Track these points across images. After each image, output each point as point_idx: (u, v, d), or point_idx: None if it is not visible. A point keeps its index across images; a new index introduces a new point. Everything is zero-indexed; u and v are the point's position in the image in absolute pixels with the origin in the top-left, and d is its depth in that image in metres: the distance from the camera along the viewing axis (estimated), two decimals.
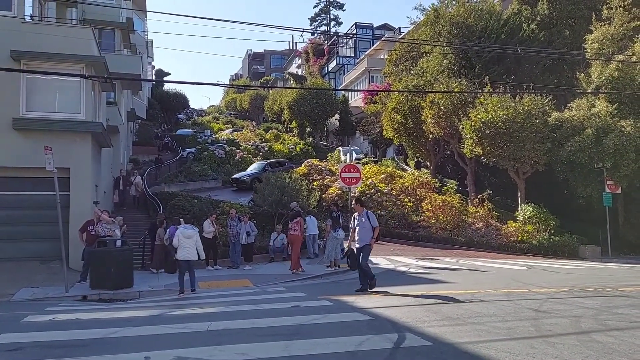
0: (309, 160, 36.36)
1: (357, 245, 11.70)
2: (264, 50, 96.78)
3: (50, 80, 17.42)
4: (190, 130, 53.06)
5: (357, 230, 11.74)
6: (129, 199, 26.42)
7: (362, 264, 11.54)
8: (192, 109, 77.91)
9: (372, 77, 52.05)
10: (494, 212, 27.83)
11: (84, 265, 15.25)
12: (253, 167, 35.91)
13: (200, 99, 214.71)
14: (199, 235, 14.09)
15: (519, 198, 27.59)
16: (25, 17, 18.28)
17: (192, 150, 40.64)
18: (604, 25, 26.99)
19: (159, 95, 60.04)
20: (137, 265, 17.03)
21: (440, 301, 9.84)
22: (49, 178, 14.27)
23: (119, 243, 14.86)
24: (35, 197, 17.01)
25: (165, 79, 60.77)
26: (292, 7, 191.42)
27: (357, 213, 12.00)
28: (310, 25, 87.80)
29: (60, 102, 17.64)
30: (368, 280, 11.56)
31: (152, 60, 62.35)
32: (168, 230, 17.04)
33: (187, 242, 13.41)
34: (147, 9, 43.34)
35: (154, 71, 63.94)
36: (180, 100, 61.65)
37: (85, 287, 14.38)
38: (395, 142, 38.08)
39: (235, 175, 34.62)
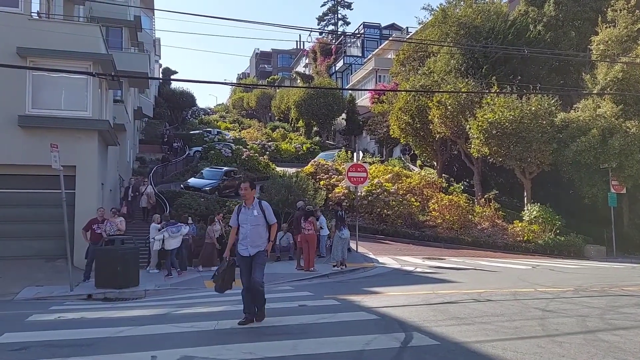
0: (315, 159, 36.35)
1: (244, 252, 7.90)
2: (272, 49, 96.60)
3: (57, 78, 17.45)
4: (216, 129, 52.71)
5: (246, 228, 7.95)
6: (138, 211, 24.05)
7: (257, 281, 7.71)
8: (199, 107, 77.97)
9: (380, 76, 51.91)
10: (500, 212, 27.81)
11: (86, 264, 15.25)
12: (209, 175, 30.07)
13: (207, 98, 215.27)
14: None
15: (525, 198, 27.55)
16: (32, 14, 18.31)
17: (199, 148, 40.64)
18: (609, 27, 27.04)
19: (165, 94, 60.11)
20: (142, 263, 17.02)
21: (447, 300, 9.81)
22: (55, 176, 14.27)
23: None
24: (41, 195, 17.02)
25: (172, 77, 60.93)
26: (300, 6, 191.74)
27: (244, 202, 8.18)
28: (318, 25, 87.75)
29: (67, 100, 17.67)
30: (256, 306, 7.89)
31: (160, 59, 62.50)
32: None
33: (174, 235, 16.46)
34: (155, 7, 43.54)
35: (161, 69, 64.07)
36: (187, 99, 61.67)
37: (90, 285, 14.38)
38: (402, 141, 38.04)
39: (191, 183, 28.75)
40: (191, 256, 17.96)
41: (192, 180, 29.33)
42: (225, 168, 31.89)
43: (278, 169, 36.79)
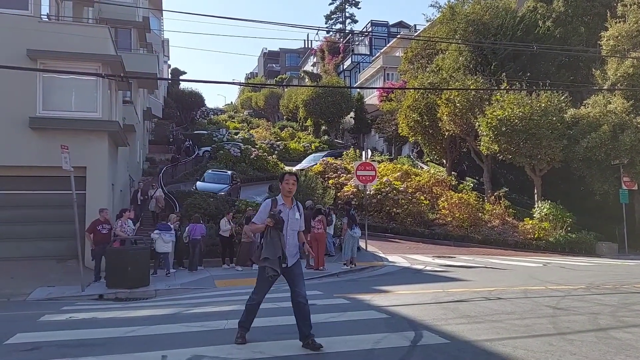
0: (324, 158, 36.36)
1: (284, 262, 6.46)
2: (280, 48, 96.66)
3: (67, 79, 17.51)
4: (225, 129, 52.53)
5: (286, 231, 6.50)
6: (147, 214, 23.34)
7: (304, 296, 6.49)
8: (208, 107, 78.21)
9: (388, 74, 51.77)
10: (510, 209, 27.69)
11: (95, 265, 15.32)
12: (214, 178, 28.97)
13: (216, 98, 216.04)
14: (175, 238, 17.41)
15: (536, 195, 27.41)
16: (42, 16, 18.41)
17: (208, 149, 40.77)
18: (619, 22, 26.84)
19: (175, 94, 60.31)
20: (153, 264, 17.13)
21: (457, 299, 9.79)
22: (66, 177, 14.33)
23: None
24: (52, 196, 17.08)
25: (181, 77, 61.12)
26: (307, 5, 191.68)
27: (282, 197, 6.69)
28: (326, 24, 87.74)
29: (77, 101, 17.73)
30: (306, 326, 6.36)
31: (168, 59, 62.65)
32: (187, 228, 17.46)
33: (167, 241, 16.70)
34: (163, 8, 43.63)
35: (170, 70, 64.26)
36: (196, 99, 61.82)
37: (101, 286, 14.44)
38: (410, 139, 37.95)
39: (200, 187, 27.16)
40: (201, 256, 18.00)
41: (201, 185, 27.94)
42: (229, 171, 31.26)
43: (287, 168, 36.81)
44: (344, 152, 42.01)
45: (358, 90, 54.65)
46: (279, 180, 6.65)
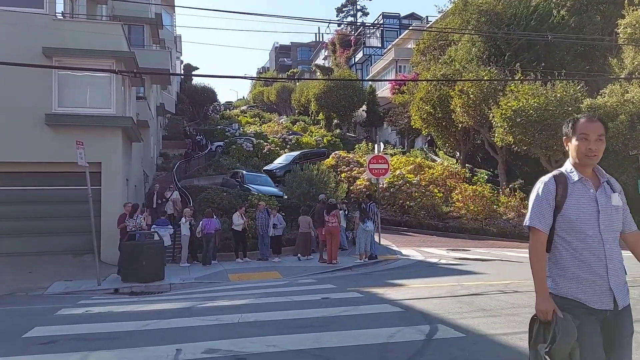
0: (336, 152, 36.32)
1: (602, 302, 3.28)
2: (291, 42, 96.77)
3: (81, 76, 17.67)
4: (237, 124, 52.59)
5: (595, 233, 3.40)
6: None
7: None
8: (220, 102, 78.34)
9: (400, 67, 51.51)
10: (526, 201, 27.42)
11: (119, 260, 15.41)
12: (261, 181, 28.22)
13: (228, 93, 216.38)
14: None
15: None
16: (57, 14, 18.53)
17: (220, 143, 40.86)
18: (636, 9, 26.42)
19: (187, 90, 60.49)
20: (168, 257, 17.24)
21: (473, 292, 9.73)
22: (81, 173, 14.44)
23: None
24: (68, 192, 17.22)
25: (193, 73, 61.10)
26: None
27: (573, 168, 3.43)
28: (337, 16, 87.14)
29: (91, 98, 17.87)
30: None
31: (181, 55, 62.79)
32: (201, 222, 17.54)
33: (163, 234, 16.40)
34: (175, 4, 43.67)
35: (182, 66, 64.40)
36: (209, 95, 61.98)
37: (117, 280, 14.58)
38: (423, 132, 37.75)
39: (267, 191, 25.40)
40: (215, 250, 18.09)
41: (265, 189, 26.12)
42: (262, 174, 30.63)
43: None
44: (357, 146, 41.84)
45: (370, 83, 54.42)
46: (564, 135, 3.54)
